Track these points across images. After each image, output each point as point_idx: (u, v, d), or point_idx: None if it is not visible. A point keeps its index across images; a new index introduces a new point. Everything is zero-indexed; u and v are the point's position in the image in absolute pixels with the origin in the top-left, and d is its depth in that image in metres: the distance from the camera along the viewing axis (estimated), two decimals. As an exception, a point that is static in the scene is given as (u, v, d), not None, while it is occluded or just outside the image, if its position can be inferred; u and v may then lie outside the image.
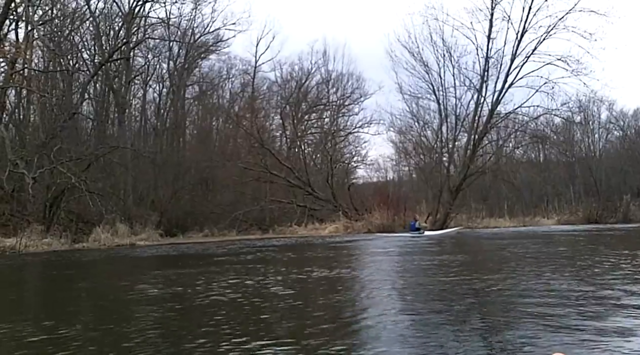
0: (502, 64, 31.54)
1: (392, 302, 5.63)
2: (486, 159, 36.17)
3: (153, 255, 15.77)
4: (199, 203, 30.15)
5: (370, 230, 28.26)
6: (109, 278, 10.41)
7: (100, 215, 22.73)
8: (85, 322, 5.28)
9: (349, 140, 41.97)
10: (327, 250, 15.54)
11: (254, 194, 32.40)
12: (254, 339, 4.00)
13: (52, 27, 28.97)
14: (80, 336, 4.45)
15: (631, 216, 36.60)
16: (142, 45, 35.34)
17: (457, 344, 3.72)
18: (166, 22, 34.98)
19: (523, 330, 3.99)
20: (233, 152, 35.36)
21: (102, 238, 20.58)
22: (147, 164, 28.78)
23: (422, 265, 10.09)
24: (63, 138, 24.15)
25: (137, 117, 38.96)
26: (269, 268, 10.20)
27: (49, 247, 18.43)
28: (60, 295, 7.89)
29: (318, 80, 42.28)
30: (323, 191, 33.41)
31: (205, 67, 41.34)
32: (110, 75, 33.16)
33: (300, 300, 6.15)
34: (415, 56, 33.87)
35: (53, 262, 14.09)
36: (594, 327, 4.01)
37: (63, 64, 29.49)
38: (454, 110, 33.65)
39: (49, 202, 22.31)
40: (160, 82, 38.88)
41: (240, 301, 6.00)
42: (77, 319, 5.45)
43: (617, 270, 7.73)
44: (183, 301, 6.27)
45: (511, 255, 11.28)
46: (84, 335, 4.48)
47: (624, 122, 47.86)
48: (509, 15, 30.78)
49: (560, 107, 31.86)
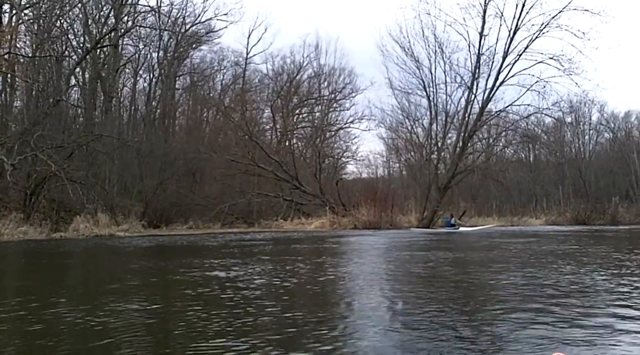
0: (494, 62, 31.48)
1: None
2: (476, 157, 36.09)
3: (123, 246, 15.23)
4: (184, 195, 29.82)
5: (357, 226, 28.10)
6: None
7: (81, 204, 22.45)
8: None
9: (340, 135, 41.80)
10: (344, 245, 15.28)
11: (242, 187, 32.07)
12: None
13: (39, 11, 28.49)
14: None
15: (619, 218, 36.68)
16: (133, 34, 34.95)
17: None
18: (157, 11, 34.60)
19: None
20: (223, 144, 35.04)
21: (82, 228, 20.25)
22: (133, 153, 28.42)
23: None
24: (46, 125, 23.76)
25: (127, 107, 38.68)
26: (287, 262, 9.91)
27: (24, 236, 18.05)
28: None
29: (310, 74, 42.09)
30: (311, 186, 33.18)
31: (197, 58, 41.09)
32: (99, 62, 32.75)
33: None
34: (407, 51, 33.72)
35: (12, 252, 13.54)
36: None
37: (50, 50, 29.08)
38: (444, 107, 33.55)
39: (29, 190, 21.97)
40: (151, 72, 38.53)
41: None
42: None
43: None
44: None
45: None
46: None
47: (614, 124, 48.03)
48: (502, 12, 30.69)
49: (551, 107, 31.80)
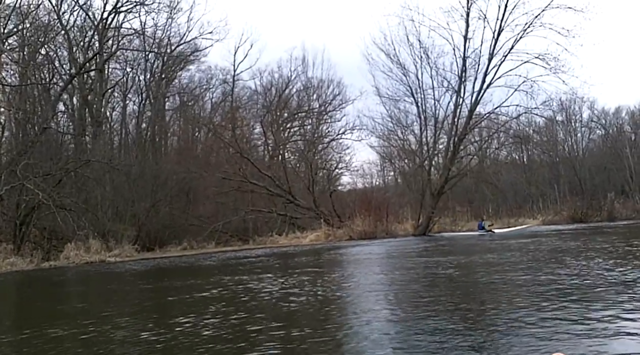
0: (480, 64, 31.45)
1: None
2: (469, 160, 35.98)
3: (107, 272, 15.12)
4: (178, 216, 29.59)
5: (352, 237, 27.88)
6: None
7: (72, 231, 22.20)
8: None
9: (332, 147, 41.71)
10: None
11: (235, 204, 31.88)
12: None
13: (23, 40, 28.51)
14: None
15: (616, 214, 36.50)
16: (119, 58, 35.00)
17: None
18: (141, 33, 34.66)
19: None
20: (215, 162, 34.93)
21: (72, 255, 19.99)
22: (123, 177, 28.24)
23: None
24: (33, 153, 23.62)
25: (118, 130, 38.58)
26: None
27: (12, 268, 17.79)
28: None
29: (299, 88, 42.16)
30: (305, 199, 33.00)
31: (185, 78, 41.15)
32: (86, 88, 32.73)
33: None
34: (392, 58, 33.78)
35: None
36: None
37: (35, 78, 29.06)
38: (433, 112, 33.50)
39: (18, 219, 21.74)
40: (140, 94, 38.50)
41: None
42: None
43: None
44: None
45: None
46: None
47: (605, 121, 48.04)
48: (485, 14, 30.72)
49: (540, 106, 31.72)
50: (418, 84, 33.44)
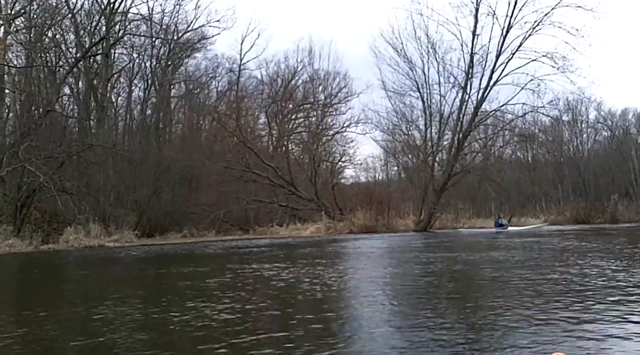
0: (487, 61, 31.20)
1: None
2: (473, 157, 35.80)
3: (108, 256, 15.09)
4: (179, 203, 29.56)
5: (352, 230, 27.80)
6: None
7: (73, 215, 22.17)
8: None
9: (336, 139, 41.53)
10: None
11: (237, 194, 31.80)
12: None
13: (29, 22, 28.37)
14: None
15: (619, 216, 36.34)
16: (126, 43, 34.78)
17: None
18: (148, 19, 34.43)
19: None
20: (219, 151, 34.82)
21: (72, 239, 19.96)
22: (126, 162, 28.17)
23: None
24: (36, 136, 23.53)
25: (123, 115, 38.49)
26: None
27: (11, 249, 17.76)
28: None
29: (305, 79, 41.93)
30: (307, 191, 32.90)
31: (192, 65, 40.89)
32: (91, 72, 32.58)
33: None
34: (399, 52, 33.55)
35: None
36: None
37: (41, 60, 28.95)
38: (438, 108, 33.29)
39: (19, 201, 21.70)
40: (145, 81, 38.35)
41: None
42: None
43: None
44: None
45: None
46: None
47: (612, 122, 47.73)
48: (494, 11, 30.47)
49: (547, 105, 31.53)
50: (424, 79, 33.26)
